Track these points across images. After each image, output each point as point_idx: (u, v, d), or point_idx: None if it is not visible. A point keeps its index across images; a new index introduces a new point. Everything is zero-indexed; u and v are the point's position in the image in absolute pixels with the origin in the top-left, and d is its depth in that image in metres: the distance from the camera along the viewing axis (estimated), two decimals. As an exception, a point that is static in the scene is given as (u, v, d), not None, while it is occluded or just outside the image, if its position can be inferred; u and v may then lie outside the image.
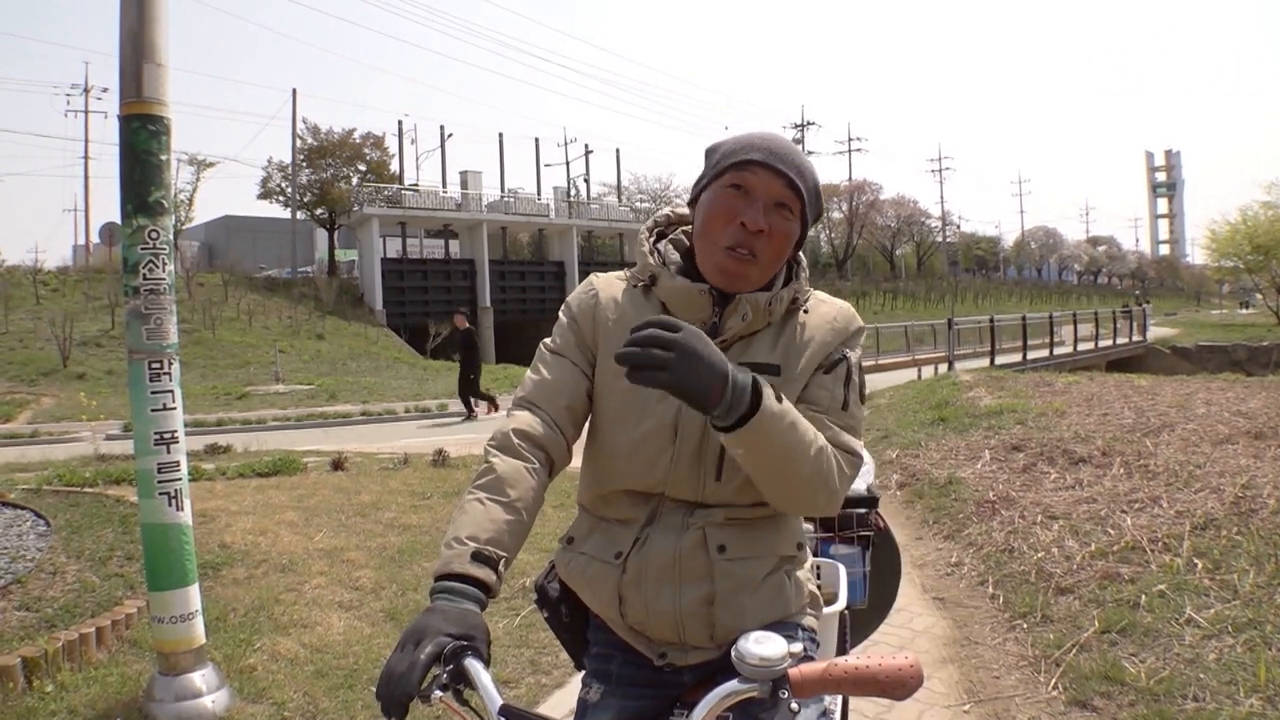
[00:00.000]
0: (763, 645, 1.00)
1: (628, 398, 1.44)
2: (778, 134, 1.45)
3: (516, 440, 1.41)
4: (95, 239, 36.26)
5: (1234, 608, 3.66)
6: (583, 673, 1.56)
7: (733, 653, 1.00)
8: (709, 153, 1.47)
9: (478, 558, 1.27)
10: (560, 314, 1.56)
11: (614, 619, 1.46)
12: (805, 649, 1.04)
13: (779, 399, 1.26)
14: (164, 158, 3.25)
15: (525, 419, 1.44)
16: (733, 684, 1.02)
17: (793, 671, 1.00)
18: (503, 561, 1.31)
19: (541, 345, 1.55)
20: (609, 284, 1.55)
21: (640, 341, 1.17)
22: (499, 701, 1.11)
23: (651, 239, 1.54)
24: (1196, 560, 4.18)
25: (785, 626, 1.43)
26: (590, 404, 1.51)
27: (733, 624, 1.39)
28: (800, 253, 1.52)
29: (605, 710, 1.44)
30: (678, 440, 1.41)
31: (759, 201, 1.39)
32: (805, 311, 1.49)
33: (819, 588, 1.64)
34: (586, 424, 1.53)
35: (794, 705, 0.98)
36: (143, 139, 3.19)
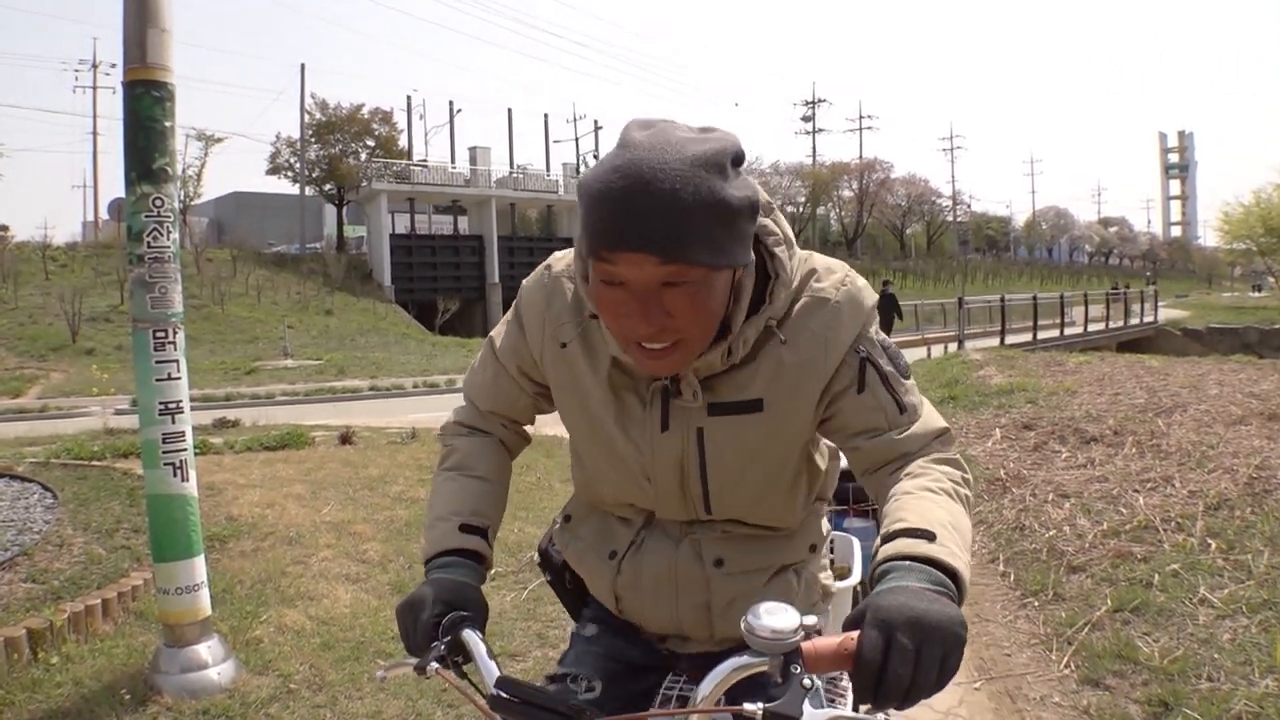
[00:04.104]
0: (774, 617, 0.93)
1: (593, 430, 1.29)
2: (636, 170, 0.99)
3: (467, 428, 1.43)
4: (104, 215, 36.35)
5: (1248, 588, 3.61)
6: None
7: (742, 624, 0.94)
8: (579, 196, 1.07)
9: (465, 529, 1.28)
10: (514, 305, 1.35)
11: (612, 609, 1.41)
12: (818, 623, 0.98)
13: (929, 536, 1.07)
14: (168, 124, 3.20)
15: (469, 414, 1.44)
16: (742, 657, 0.96)
17: (805, 645, 0.93)
18: (489, 529, 1.31)
19: (490, 336, 1.40)
20: (562, 288, 1.28)
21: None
22: (496, 673, 1.08)
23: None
24: (1210, 540, 4.13)
25: None
26: (536, 407, 1.41)
27: (733, 631, 1.29)
28: (778, 250, 1.15)
29: (599, 643, 1.41)
30: (653, 484, 1.28)
31: (640, 294, 1.04)
32: (784, 340, 1.17)
33: (832, 562, 1.60)
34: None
35: (806, 681, 0.91)
36: (146, 105, 3.14)
